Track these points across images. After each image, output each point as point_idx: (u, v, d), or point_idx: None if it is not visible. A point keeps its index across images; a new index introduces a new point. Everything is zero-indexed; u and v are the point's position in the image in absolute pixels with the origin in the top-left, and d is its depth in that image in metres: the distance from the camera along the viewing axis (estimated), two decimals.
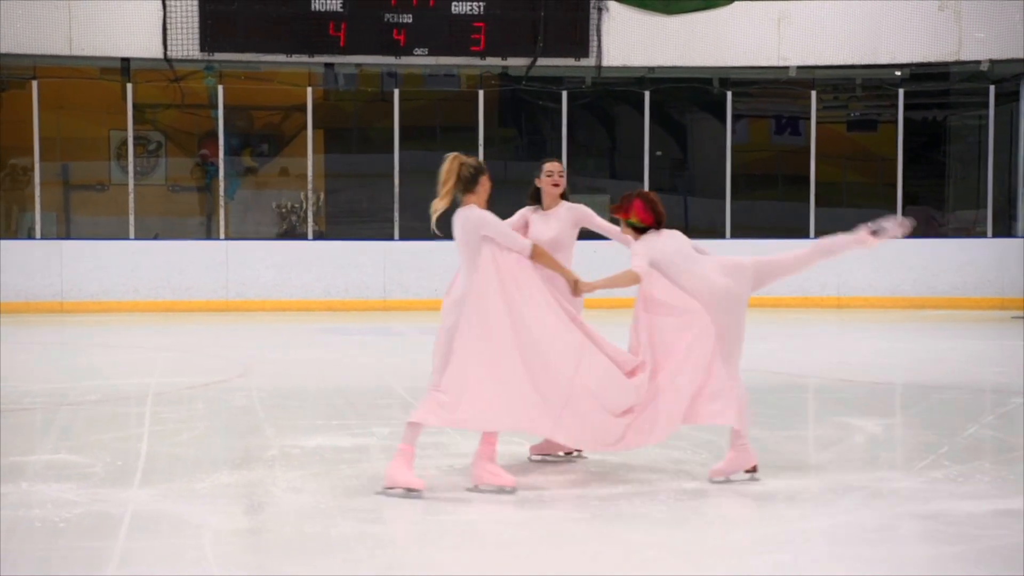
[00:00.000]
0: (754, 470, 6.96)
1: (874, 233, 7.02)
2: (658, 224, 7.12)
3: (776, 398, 10.46)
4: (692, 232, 20.87)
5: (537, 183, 7.60)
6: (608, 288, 6.94)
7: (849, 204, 22.78)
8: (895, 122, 20.79)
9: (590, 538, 5.84)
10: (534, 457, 7.66)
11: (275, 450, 7.92)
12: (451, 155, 6.96)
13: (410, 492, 6.58)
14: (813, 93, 20.80)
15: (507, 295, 6.68)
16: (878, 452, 8.03)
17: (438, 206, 6.88)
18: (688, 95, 21.93)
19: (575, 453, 7.66)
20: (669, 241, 7.09)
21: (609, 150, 24.16)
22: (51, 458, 7.68)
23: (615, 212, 7.24)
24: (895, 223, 7.01)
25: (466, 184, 6.87)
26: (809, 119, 20.94)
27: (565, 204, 7.57)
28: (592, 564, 5.42)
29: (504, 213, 7.18)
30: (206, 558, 5.42)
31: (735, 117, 22.89)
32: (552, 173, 7.55)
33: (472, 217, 6.80)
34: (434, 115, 22.92)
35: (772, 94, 22.05)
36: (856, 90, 22.49)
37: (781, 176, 23.72)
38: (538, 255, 6.82)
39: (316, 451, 7.88)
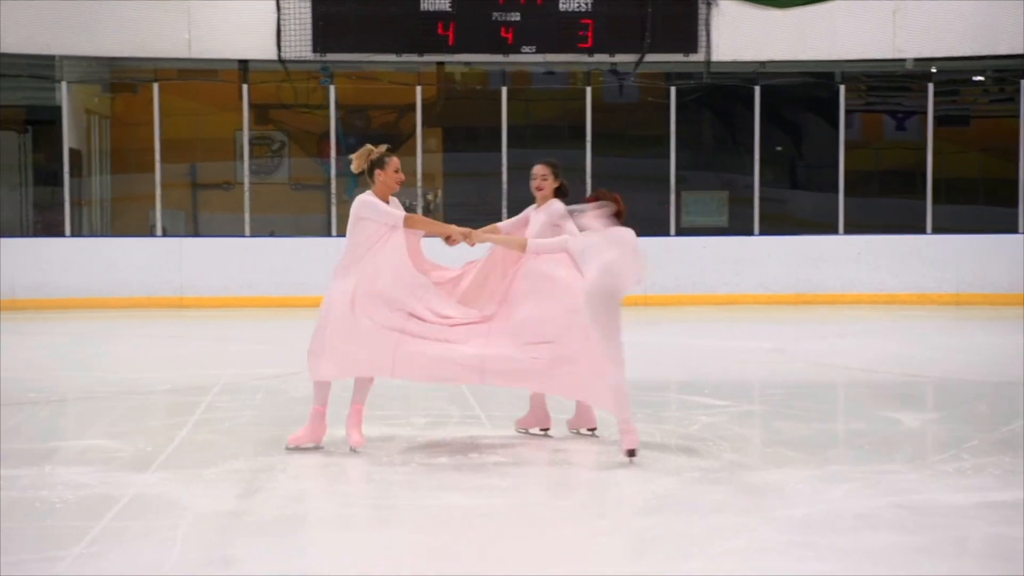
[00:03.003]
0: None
1: None
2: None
3: (831, 393, 10.37)
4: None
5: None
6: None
7: None
8: None
9: (558, 522, 5.93)
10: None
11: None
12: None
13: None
14: (930, 86, 20.33)
15: None
16: (901, 445, 7.91)
17: None
18: (801, 90, 21.62)
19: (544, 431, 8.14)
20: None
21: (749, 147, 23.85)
22: (90, 443, 8.02)
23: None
24: None
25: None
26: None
27: (551, 201, 7.88)
28: (549, 552, 5.50)
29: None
30: (174, 538, 5.65)
31: (866, 112, 22.54)
32: (535, 177, 7.98)
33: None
34: (574, 115, 22.87)
35: (895, 87, 21.59)
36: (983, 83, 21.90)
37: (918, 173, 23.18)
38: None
39: (344, 440, 8.06)
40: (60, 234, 19.80)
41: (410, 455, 7.57)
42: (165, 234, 20.58)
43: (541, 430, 8.15)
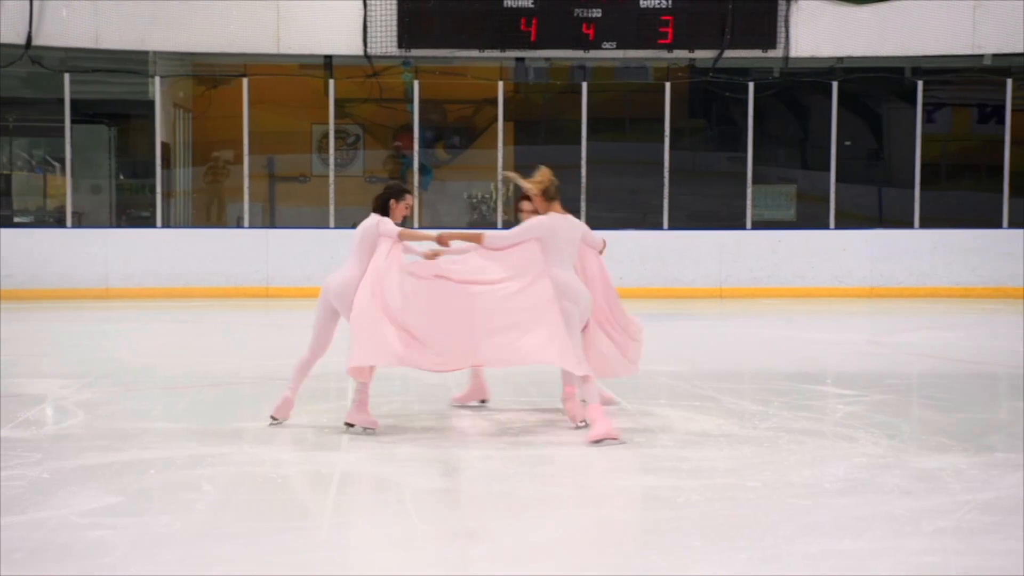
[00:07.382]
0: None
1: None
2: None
3: (955, 383, 10.65)
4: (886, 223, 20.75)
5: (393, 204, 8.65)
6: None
7: None
8: None
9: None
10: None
11: (467, 422, 8.50)
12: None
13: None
14: (1008, 82, 20.54)
15: None
16: None
17: None
18: (879, 85, 21.85)
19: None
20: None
21: (801, 141, 24.20)
22: (263, 426, 8.36)
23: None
24: None
25: None
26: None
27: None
28: (764, 529, 5.82)
29: (689, 201, 7.83)
30: (408, 511, 5.99)
31: (936, 106, 22.72)
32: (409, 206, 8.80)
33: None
34: (623, 107, 23.31)
35: (971, 82, 21.78)
36: None
37: (986, 166, 23.31)
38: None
39: (518, 422, 8.40)
40: (150, 225, 20.23)
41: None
42: (246, 225, 20.96)
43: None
